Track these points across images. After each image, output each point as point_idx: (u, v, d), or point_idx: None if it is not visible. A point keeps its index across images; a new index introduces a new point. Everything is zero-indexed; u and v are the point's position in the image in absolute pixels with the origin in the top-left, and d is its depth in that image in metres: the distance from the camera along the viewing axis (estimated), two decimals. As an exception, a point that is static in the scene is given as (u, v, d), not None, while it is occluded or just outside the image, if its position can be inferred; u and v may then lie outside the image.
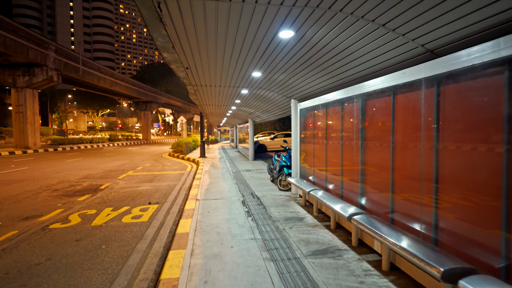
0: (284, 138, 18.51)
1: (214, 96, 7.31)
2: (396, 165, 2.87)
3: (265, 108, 8.36)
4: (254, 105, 8.59)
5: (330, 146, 4.42)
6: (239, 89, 6.22)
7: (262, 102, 7.57)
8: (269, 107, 7.84)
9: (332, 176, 4.38)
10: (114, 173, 11.02)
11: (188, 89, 6.30)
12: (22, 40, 17.72)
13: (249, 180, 8.11)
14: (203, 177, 8.73)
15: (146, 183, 8.87)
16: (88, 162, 14.43)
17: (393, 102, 2.89)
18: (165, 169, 11.96)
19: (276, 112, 8.25)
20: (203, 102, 8.77)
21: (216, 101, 8.62)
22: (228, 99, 8.02)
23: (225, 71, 4.50)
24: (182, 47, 3.19)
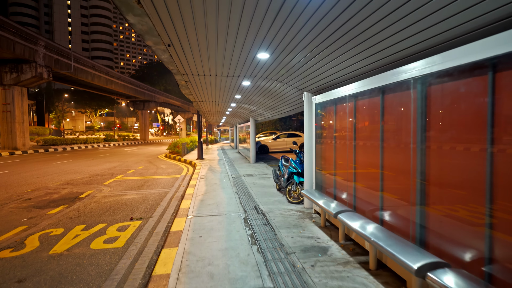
0: (287, 138, 17.41)
1: (210, 89, 6.21)
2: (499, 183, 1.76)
3: (269, 105, 7.25)
4: (257, 102, 7.49)
5: (361, 149, 3.32)
6: (240, 80, 5.11)
7: (266, 97, 6.46)
8: (275, 103, 6.74)
9: (365, 191, 3.28)
10: (101, 177, 9.93)
11: (178, 81, 5.20)
12: (7, 34, 16.61)
13: (251, 188, 7.00)
14: (199, 184, 7.63)
15: (133, 190, 7.78)
16: (76, 165, 13.33)
17: (492, 81, 1.78)
18: (158, 173, 10.87)
19: (283, 108, 7.14)
20: (198, 98, 7.67)
21: (213, 97, 7.52)
22: (227, 94, 6.92)
23: (221, 52, 3.39)
24: (154, 4, 2.10)
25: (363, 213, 3.25)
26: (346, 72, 3.44)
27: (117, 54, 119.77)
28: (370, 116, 3.18)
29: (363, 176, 3.31)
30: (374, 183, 3.05)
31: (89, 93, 63.96)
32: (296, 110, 6.86)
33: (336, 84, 3.92)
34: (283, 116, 8.39)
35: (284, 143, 17.50)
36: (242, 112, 11.56)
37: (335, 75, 3.62)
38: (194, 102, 8.74)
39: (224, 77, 4.81)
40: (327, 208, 3.39)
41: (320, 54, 3.12)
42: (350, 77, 3.56)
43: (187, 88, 5.97)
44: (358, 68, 3.22)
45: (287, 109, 6.93)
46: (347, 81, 3.66)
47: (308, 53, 3.19)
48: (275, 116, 9.01)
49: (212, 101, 8.38)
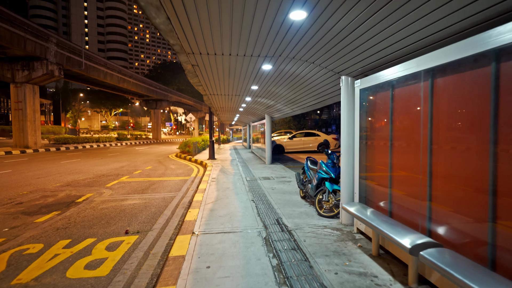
0: (304, 137, 16.30)
1: (223, 77, 5.24)
2: None
3: (292, 97, 6.21)
4: (277, 94, 6.46)
5: (445, 152, 2.23)
6: (259, 63, 4.11)
7: (289, 87, 5.43)
8: (299, 95, 5.69)
9: (455, 217, 2.18)
10: (105, 178, 9.18)
11: (184, 65, 4.24)
12: (18, 30, 16.29)
13: (270, 194, 5.97)
14: (209, 188, 6.68)
15: (137, 194, 6.93)
16: (83, 164, 12.72)
17: None
18: (167, 174, 10.03)
19: (307, 101, 6.07)
20: (209, 90, 6.72)
21: (225, 89, 6.56)
22: (242, 84, 5.94)
23: (238, 13, 2.39)
24: None
25: (460, 250, 2.14)
26: (418, 38, 2.36)
27: (132, 55, 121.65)
28: (462, 103, 2.09)
29: (448, 192, 2.22)
30: (473, 209, 1.96)
31: (104, 93, 64.84)
32: (322, 103, 5.78)
33: (397, 58, 2.84)
34: (305, 111, 7.33)
35: (301, 143, 16.38)
36: (257, 108, 10.56)
37: (400, 44, 2.54)
38: (205, 96, 7.81)
39: (240, 58, 3.81)
40: (398, 239, 2.29)
41: (383, 10, 2.06)
42: (421, 46, 2.47)
43: (196, 76, 5.01)
44: (441, 28, 2.13)
45: (313, 101, 5.86)
46: (417, 52, 2.57)
47: (365, 9, 2.14)
48: (296, 112, 7.95)
49: (225, 94, 7.41)
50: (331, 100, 5.19)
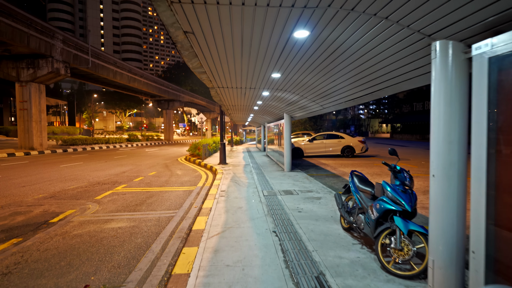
0: (326, 140, 14.57)
1: (232, 56, 3.70)
2: None
3: (327, 88, 4.58)
4: (305, 85, 4.87)
5: None
6: (290, 26, 2.55)
7: (329, 70, 3.82)
8: (342, 82, 4.04)
9: None
10: (98, 187, 7.87)
11: (172, 31, 2.74)
12: (20, 25, 15.45)
13: (298, 220, 4.38)
14: (216, 207, 5.16)
15: (127, 212, 5.52)
16: (83, 169, 11.55)
17: None
18: (170, 183, 8.63)
19: (353, 92, 4.37)
20: (216, 81, 5.22)
21: (237, 77, 5.04)
22: (260, 68, 4.38)
23: None
24: None
25: None
26: None
27: (147, 56, 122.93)
28: None
29: None
30: None
31: (118, 94, 65.09)
32: (376, 93, 4.07)
33: None
34: (341, 107, 5.66)
35: (322, 146, 14.64)
36: (275, 106, 9.00)
37: None
38: (213, 90, 6.32)
39: (261, 10, 2.27)
40: None
41: None
42: None
43: (194, 55, 3.50)
44: None
45: (359, 92, 4.15)
46: None
47: None
48: (326, 110, 6.29)
49: (237, 87, 5.89)
50: (394, 88, 3.51)
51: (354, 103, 4.85)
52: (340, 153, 14.41)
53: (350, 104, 4.98)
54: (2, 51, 16.66)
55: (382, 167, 11.33)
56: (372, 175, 9.41)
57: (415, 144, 28.98)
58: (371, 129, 63.05)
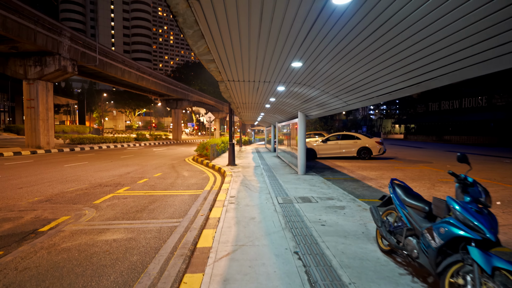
0: (341, 140, 13.75)
1: (247, 36, 3.02)
2: None
3: (361, 79, 3.86)
4: (330, 77, 4.16)
5: None
6: None
7: (369, 54, 3.10)
8: (386, 68, 3.31)
9: None
10: (99, 190, 7.33)
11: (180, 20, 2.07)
12: (27, 22, 15.17)
13: (323, 238, 3.65)
14: (225, 218, 4.50)
15: (125, 220, 4.92)
16: (87, 169, 11.09)
17: None
18: (176, 185, 8.03)
19: (407, 80, 3.57)
20: (227, 73, 4.55)
21: (251, 66, 4.36)
22: (280, 54, 3.69)
23: None
24: None
25: None
26: None
27: (156, 56, 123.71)
28: None
29: None
30: None
31: (128, 93, 65.44)
32: (423, 84, 3.32)
33: None
34: (372, 103, 4.91)
35: (336, 147, 13.83)
36: (289, 104, 8.29)
37: None
38: (222, 84, 5.66)
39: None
40: None
41: None
42: None
43: (201, 36, 2.84)
44: None
45: (422, 78, 3.31)
46: None
47: None
48: (351, 106, 5.51)
49: (249, 81, 5.22)
50: (454, 76, 2.72)
51: (390, 97, 4.10)
52: (356, 155, 13.56)
53: (383, 99, 4.23)
54: (9, 48, 16.46)
55: (405, 170, 10.46)
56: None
57: (432, 145, 27.75)
58: (383, 129, 61.37)
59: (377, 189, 7.30)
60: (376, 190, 7.24)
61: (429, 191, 6.99)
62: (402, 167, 11.27)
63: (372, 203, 5.87)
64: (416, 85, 3.27)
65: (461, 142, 31.71)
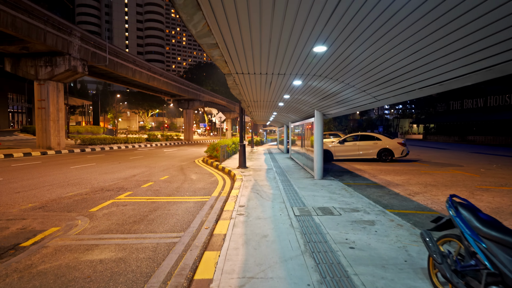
0: (360, 141, 12.81)
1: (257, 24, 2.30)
2: None
3: (408, 63, 3.07)
4: (365, 65, 3.39)
5: None
6: None
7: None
8: (444, 48, 2.53)
9: None
10: (99, 195, 6.80)
11: None
12: (37, 22, 15.03)
13: (354, 267, 2.87)
14: (233, 234, 3.78)
15: (120, 234, 4.29)
16: (92, 171, 10.68)
17: None
18: (181, 190, 7.41)
19: (474, 63, 2.79)
20: (234, 65, 3.85)
21: (263, 60, 3.64)
22: (298, 40, 2.95)
23: None
24: None
25: None
26: None
27: (169, 58, 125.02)
28: None
29: None
30: None
31: (141, 94, 66.08)
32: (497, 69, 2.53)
33: None
34: (412, 98, 4.08)
35: (355, 149, 12.89)
36: (305, 101, 7.52)
37: None
38: (230, 78, 4.96)
39: None
40: None
41: None
42: None
43: (202, 18, 2.15)
44: None
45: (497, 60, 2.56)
46: None
47: None
48: (381, 102, 4.69)
49: (261, 73, 4.50)
50: None
51: (439, 89, 3.25)
52: (376, 157, 12.58)
53: (428, 92, 3.41)
54: (20, 49, 16.42)
55: (434, 175, 9.44)
56: (426, 186, 7.64)
57: (455, 146, 26.15)
58: (401, 129, 59.08)
59: (406, 198, 6.41)
60: (406, 198, 6.35)
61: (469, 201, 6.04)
62: (430, 171, 10.24)
63: (404, 215, 5.01)
64: (486, 70, 2.45)
65: (486, 143, 29.82)
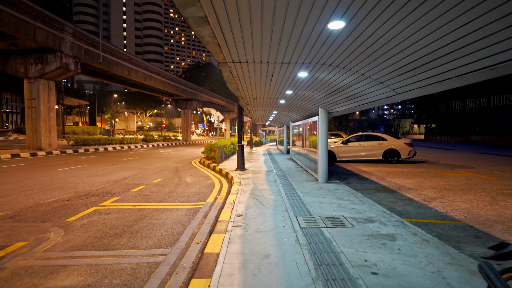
0: (364, 142, 12.18)
1: None
2: None
3: (449, 41, 2.45)
4: (391, 47, 2.76)
5: None
6: None
7: None
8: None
9: None
10: (82, 201, 6.13)
11: None
12: (25, 17, 14.35)
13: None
14: (228, 254, 3.12)
15: (95, 250, 3.62)
16: (81, 173, 10.00)
17: None
18: (173, 196, 6.75)
19: None
20: (230, 50, 3.22)
21: (264, 42, 3.01)
22: (310, 12, 2.30)
23: None
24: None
25: None
26: None
27: (168, 58, 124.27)
28: None
29: None
30: None
31: (140, 94, 65.29)
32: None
33: None
34: (442, 89, 3.45)
35: (359, 149, 12.26)
36: (309, 98, 6.88)
37: None
38: (225, 68, 4.32)
39: None
40: None
41: None
42: None
43: None
44: None
45: None
46: None
47: None
48: (401, 96, 4.03)
49: (262, 62, 3.86)
50: None
51: (492, 75, 2.63)
52: (382, 158, 11.96)
53: (470, 79, 2.78)
54: (9, 45, 15.72)
55: (447, 177, 8.80)
56: (441, 190, 6.99)
57: (459, 146, 25.57)
58: (401, 129, 58.49)
59: (422, 204, 5.76)
60: (421, 205, 5.71)
61: (493, 209, 5.40)
62: (441, 173, 9.61)
63: (424, 226, 4.36)
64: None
65: (490, 143, 29.26)
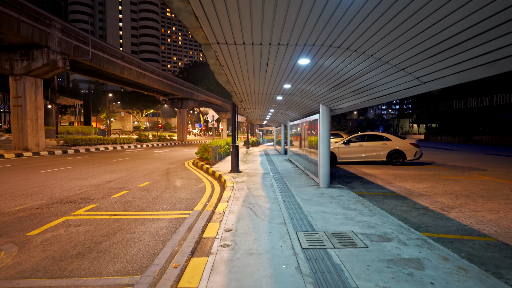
0: (366, 142, 11.48)
1: None
2: None
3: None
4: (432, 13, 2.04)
5: None
6: None
7: None
8: None
9: None
10: (53, 209, 5.36)
11: None
12: (8, 9, 13.53)
13: None
14: None
15: (45, 278, 2.84)
16: (63, 176, 9.22)
17: None
18: (158, 202, 6.01)
19: None
20: (213, 29, 2.48)
21: (254, 17, 2.27)
22: None
23: None
24: None
25: None
26: None
27: (165, 57, 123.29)
28: None
29: None
30: None
31: (136, 94, 64.33)
32: None
33: None
34: (470, 79, 2.78)
35: (361, 150, 11.56)
36: (310, 93, 6.17)
37: None
38: (209, 51, 3.58)
39: None
40: None
41: None
42: None
43: None
44: None
45: None
46: None
47: None
48: (430, 86, 3.35)
49: (254, 44, 3.14)
50: None
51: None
52: (386, 159, 11.26)
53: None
54: (-9, 40, 14.90)
55: (460, 181, 8.10)
56: (458, 197, 6.28)
57: (462, 147, 24.97)
58: (401, 129, 57.96)
59: (440, 214, 5.05)
60: (440, 215, 4.99)
61: (523, 219, 4.69)
62: (453, 177, 8.91)
63: (449, 243, 3.63)
64: None
65: (493, 143, 28.69)
